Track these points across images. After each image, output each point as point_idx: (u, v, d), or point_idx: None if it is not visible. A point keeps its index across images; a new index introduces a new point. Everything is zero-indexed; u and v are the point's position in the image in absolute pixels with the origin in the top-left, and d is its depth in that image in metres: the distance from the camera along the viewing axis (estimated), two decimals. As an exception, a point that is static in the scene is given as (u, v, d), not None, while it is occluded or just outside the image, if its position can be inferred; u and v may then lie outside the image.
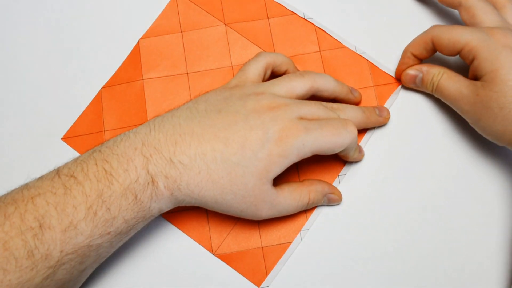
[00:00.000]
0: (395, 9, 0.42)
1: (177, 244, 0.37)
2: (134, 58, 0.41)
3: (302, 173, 0.38)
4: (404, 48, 0.39)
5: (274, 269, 0.36)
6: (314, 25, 0.42)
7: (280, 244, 0.37)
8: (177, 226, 0.37)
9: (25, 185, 0.30)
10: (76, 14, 0.43)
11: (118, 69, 0.41)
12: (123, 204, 0.30)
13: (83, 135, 0.39)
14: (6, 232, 0.28)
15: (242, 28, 0.42)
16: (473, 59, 0.34)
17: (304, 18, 0.42)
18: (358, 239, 0.37)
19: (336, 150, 0.33)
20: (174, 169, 0.31)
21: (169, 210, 0.33)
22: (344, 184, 0.38)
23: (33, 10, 0.43)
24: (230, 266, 0.36)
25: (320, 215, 0.37)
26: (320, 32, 0.42)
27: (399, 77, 0.40)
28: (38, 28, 0.42)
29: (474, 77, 0.35)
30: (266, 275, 0.36)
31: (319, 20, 0.42)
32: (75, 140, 0.39)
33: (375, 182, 0.38)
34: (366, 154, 0.39)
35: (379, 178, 0.38)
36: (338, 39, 0.41)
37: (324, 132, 0.32)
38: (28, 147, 0.39)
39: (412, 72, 0.39)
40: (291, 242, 0.37)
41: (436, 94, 0.38)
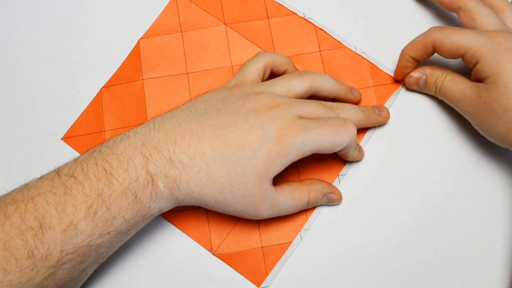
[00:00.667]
0: (395, 9, 0.42)
1: (177, 244, 0.37)
2: (134, 58, 0.41)
3: (302, 172, 0.38)
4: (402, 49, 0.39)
5: (274, 269, 0.36)
6: (314, 25, 0.42)
7: (280, 244, 0.37)
8: (177, 226, 0.37)
9: (25, 185, 0.30)
10: (76, 14, 0.43)
11: (118, 69, 0.41)
12: (123, 203, 0.30)
13: (83, 135, 0.39)
14: (6, 232, 0.28)
15: (242, 28, 0.42)
16: (476, 63, 0.34)
17: (304, 18, 0.42)
18: (358, 239, 0.37)
19: (335, 149, 0.33)
20: (174, 168, 0.31)
21: (169, 210, 0.33)
22: (344, 184, 0.38)
23: (33, 10, 0.43)
24: (230, 266, 0.36)
25: (320, 215, 0.37)
26: (320, 32, 0.42)
27: (398, 78, 0.40)
28: (38, 28, 0.42)
29: (477, 79, 0.35)
30: (266, 275, 0.36)
31: (319, 20, 0.42)
32: (75, 140, 0.39)
33: (375, 182, 0.38)
34: (366, 154, 0.39)
35: (379, 178, 0.38)
36: (338, 39, 0.41)
37: (323, 131, 0.32)
38: (28, 147, 0.39)
39: (415, 74, 0.39)
40: (291, 242, 0.37)
41: (439, 96, 0.38)
